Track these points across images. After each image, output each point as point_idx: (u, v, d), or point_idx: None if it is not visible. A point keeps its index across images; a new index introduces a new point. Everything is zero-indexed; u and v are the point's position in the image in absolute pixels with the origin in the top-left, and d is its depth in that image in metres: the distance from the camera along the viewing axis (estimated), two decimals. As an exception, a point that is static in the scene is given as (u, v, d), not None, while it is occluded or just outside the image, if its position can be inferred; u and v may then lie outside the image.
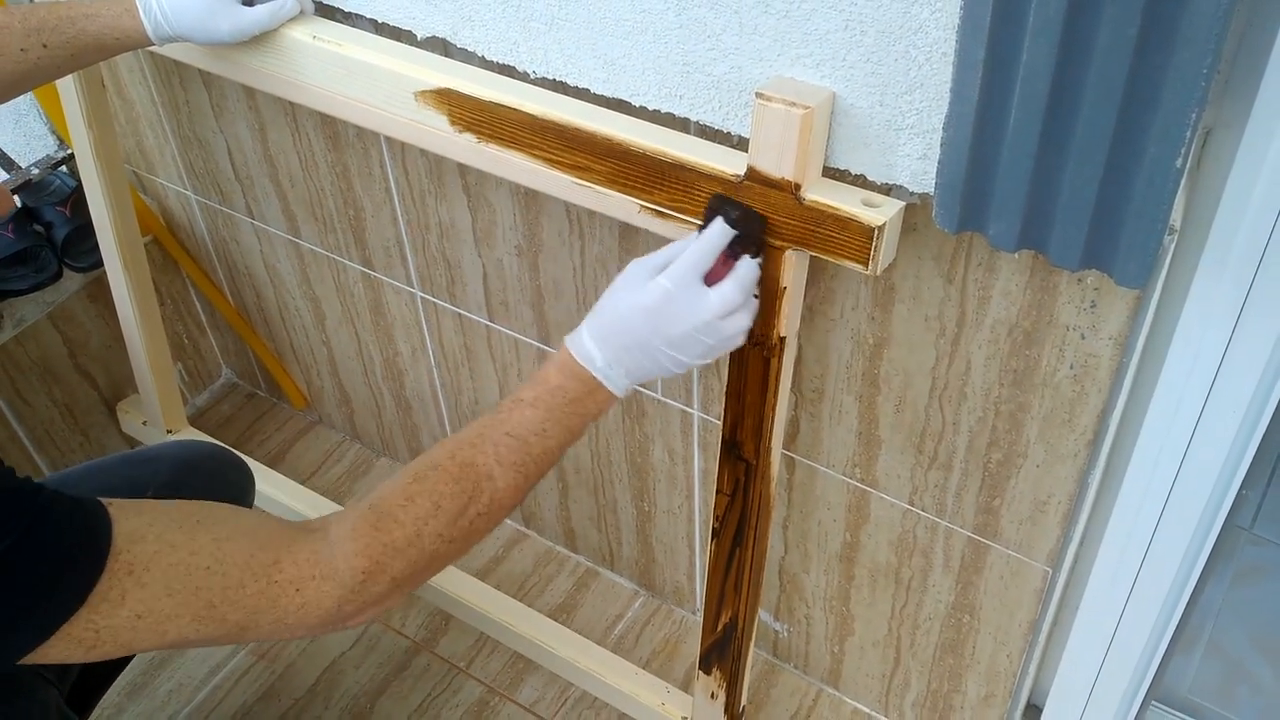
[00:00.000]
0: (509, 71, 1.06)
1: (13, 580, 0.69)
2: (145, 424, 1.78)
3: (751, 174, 0.88)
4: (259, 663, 1.56)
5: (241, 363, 1.95)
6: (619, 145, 0.94)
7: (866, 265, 0.87)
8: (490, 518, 0.86)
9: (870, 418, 1.12)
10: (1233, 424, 0.91)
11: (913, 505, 1.16)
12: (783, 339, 0.96)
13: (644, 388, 1.30)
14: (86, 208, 1.54)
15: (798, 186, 0.87)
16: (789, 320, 0.96)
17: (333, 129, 1.34)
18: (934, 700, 1.36)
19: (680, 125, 0.98)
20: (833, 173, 0.92)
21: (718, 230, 0.90)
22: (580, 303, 1.27)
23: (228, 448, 1.29)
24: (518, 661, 1.54)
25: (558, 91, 1.03)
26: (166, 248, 1.74)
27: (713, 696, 1.29)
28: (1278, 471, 1.79)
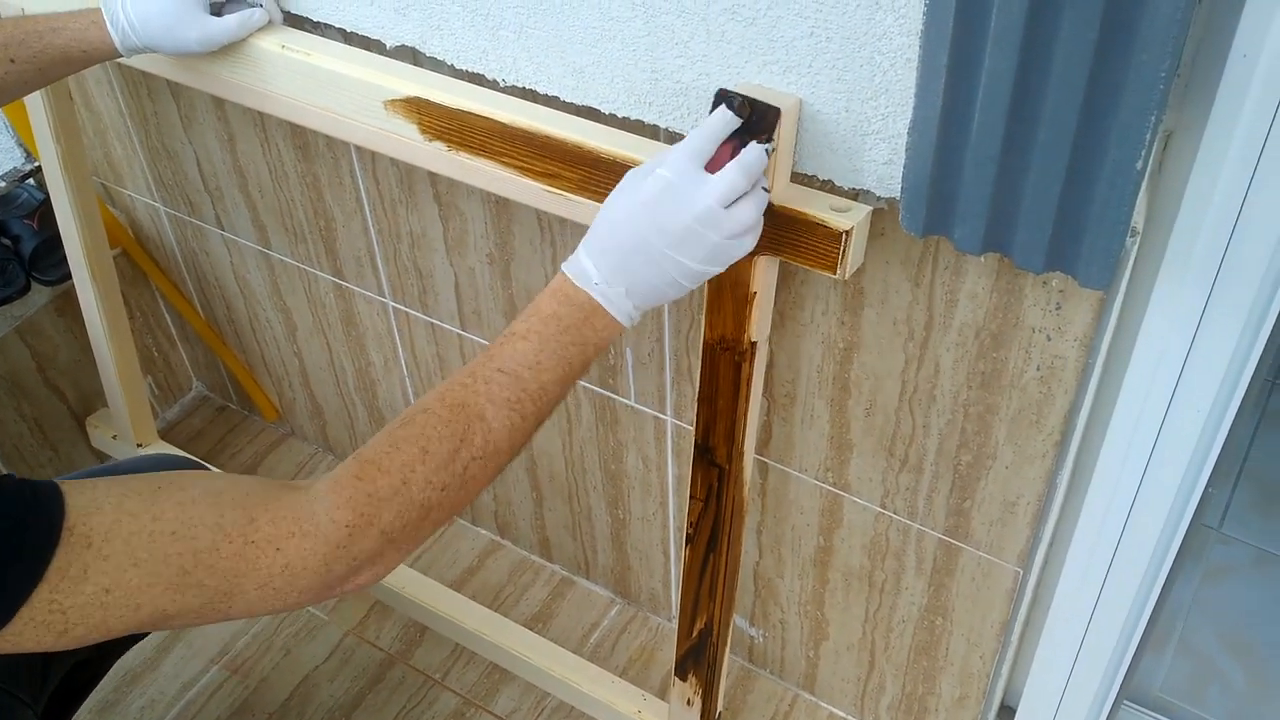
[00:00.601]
0: (478, 80, 1.07)
1: None
2: (115, 438, 1.76)
3: (720, 180, 0.89)
4: (232, 678, 1.55)
5: (212, 375, 1.94)
6: (589, 152, 0.95)
7: (835, 270, 0.88)
8: (486, 462, 0.80)
9: (842, 421, 1.12)
10: (1197, 422, 0.92)
11: (885, 508, 1.17)
12: (754, 344, 0.97)
13: (616, 394, 1.30)
14: (54, 220, 1.53)
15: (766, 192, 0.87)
16: (760, 325, 0.97)
17: (302, 139, 1.34)
18: (909, 703, 1.37)
19: (650, 132, 0.99)
20: (800, 178, 0.92)
21: (720, 116, 0.83)
22: (552, 311, 1.27)
23: (198, 460, 1.28)
24: (494, 672, 1.54)
25: (527, 100, 1.03)
26: (135, 260, 1.73)
27: (689, 703, 1.29)
28: (1244, 470, 1.82)
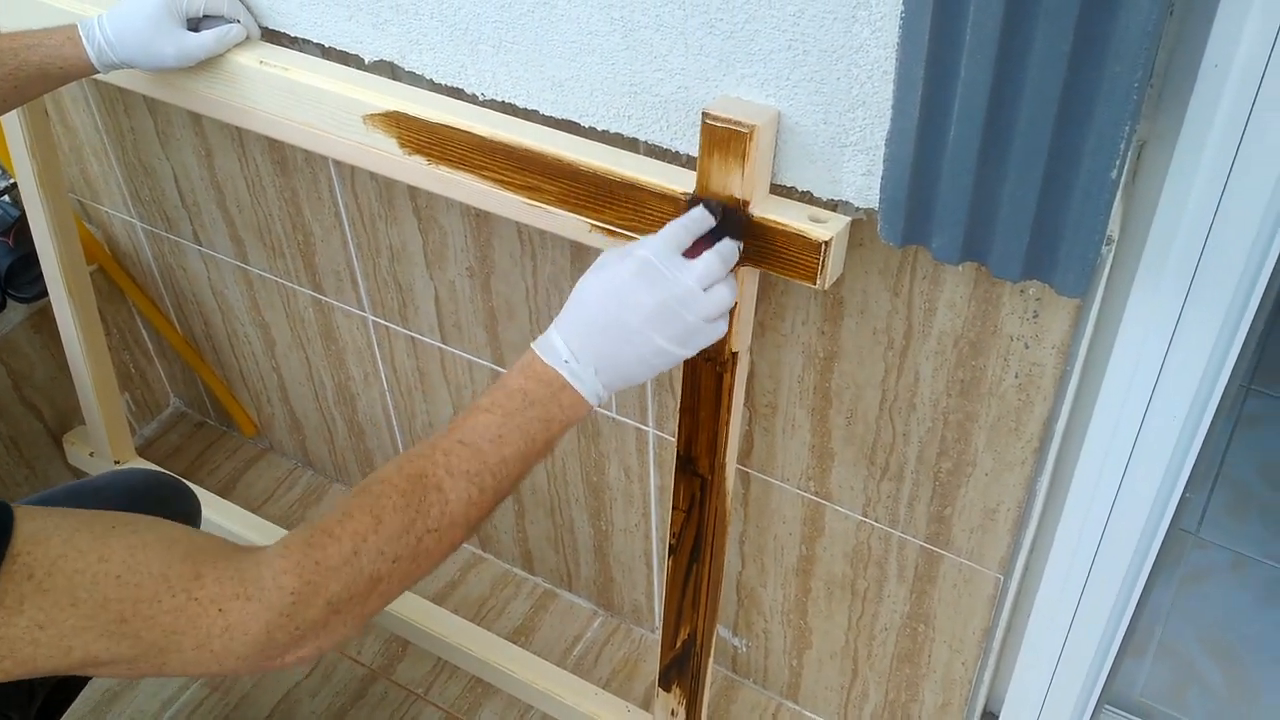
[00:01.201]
0: (458, 94, 1.07)
1: None
2: (93, 455, 1.75)
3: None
4: (213, 695, 1.54)
5: (190, 391, 1.92)
6: (569, 165, 0.95)
7: (815, 280, 0.88)
8: (441, 535, 0.77)
9: (823, 431, 1.13)
10: (1174, 428, 0.93)
11: (866, 517, 1.17)
12: (735, 354, 0.97)
13: (599, 406, 1.30)
14: (30, 237, 1.52)
15: (746, 204, 0.88)
16: (741, 336, 0.97)
17: (280, 154, 1.33)
18: (892, 710, 1.37)
19: (629, 145, 0.99)
20: (780, 190, 0.93)
21: (699, 213, 0.86)
22: (533, 323, 1.27)
23: (173, 474, 1.28)
24: (477, 685, 1.53)
25: (507, 113, 1.03)
26: (112, 276, 1.72)
27: (673, 714, 1.29)
28: (1220, 475, 1.83)
